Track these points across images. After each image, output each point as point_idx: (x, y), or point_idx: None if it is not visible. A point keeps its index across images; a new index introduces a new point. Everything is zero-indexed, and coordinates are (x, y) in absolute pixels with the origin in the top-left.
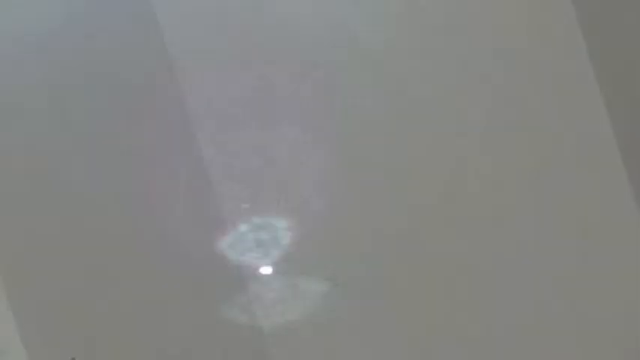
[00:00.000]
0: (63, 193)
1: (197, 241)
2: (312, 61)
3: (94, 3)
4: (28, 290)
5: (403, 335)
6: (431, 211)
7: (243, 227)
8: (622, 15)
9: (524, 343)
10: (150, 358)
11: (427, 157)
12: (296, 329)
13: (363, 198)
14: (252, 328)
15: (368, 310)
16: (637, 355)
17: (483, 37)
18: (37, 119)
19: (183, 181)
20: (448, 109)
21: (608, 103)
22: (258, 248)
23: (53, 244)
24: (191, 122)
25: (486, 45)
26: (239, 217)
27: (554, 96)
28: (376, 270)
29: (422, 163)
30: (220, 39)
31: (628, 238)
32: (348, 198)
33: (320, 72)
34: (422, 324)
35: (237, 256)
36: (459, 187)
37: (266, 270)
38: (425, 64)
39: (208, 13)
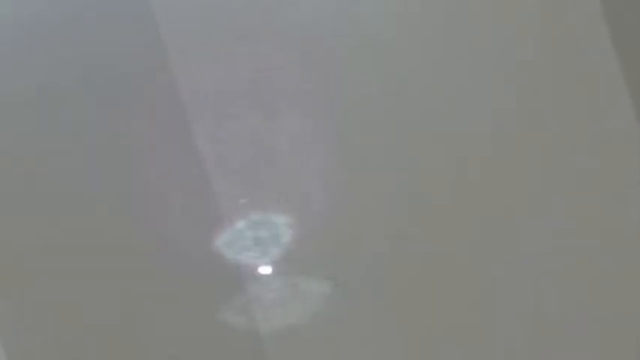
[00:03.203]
0: (56, 192)
1: (194, 240)
2: (312, 56)
3: None
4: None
5: (403, 335)
6: (432, 211)
7: (241, 226)
8: None
9: (524, 343)
10: (147, 359)
11: (429, 156)
12: (295, 330)
13: (363, 198)
14: (251, 328)
15: (368, 310)
16: (637, 355)
17: (490, 34)
18: (33, 117)
19: (181, 178)
20: (453, 107)
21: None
22: (257, 247)
23: (44, 243)
24: (189, 118)
25: (494, 41)
26: (238, 216)
27: (559, 93)
28: (376, 270)
29: (423, 163)
30: (217, 32)
31: None
32: (348, 197)
33: (320, 67)
34: (422, 324)
35: (236, 256)
36: (461, 187)
37: (265, 270)
38: (429, 59)
39: (205, 6)
